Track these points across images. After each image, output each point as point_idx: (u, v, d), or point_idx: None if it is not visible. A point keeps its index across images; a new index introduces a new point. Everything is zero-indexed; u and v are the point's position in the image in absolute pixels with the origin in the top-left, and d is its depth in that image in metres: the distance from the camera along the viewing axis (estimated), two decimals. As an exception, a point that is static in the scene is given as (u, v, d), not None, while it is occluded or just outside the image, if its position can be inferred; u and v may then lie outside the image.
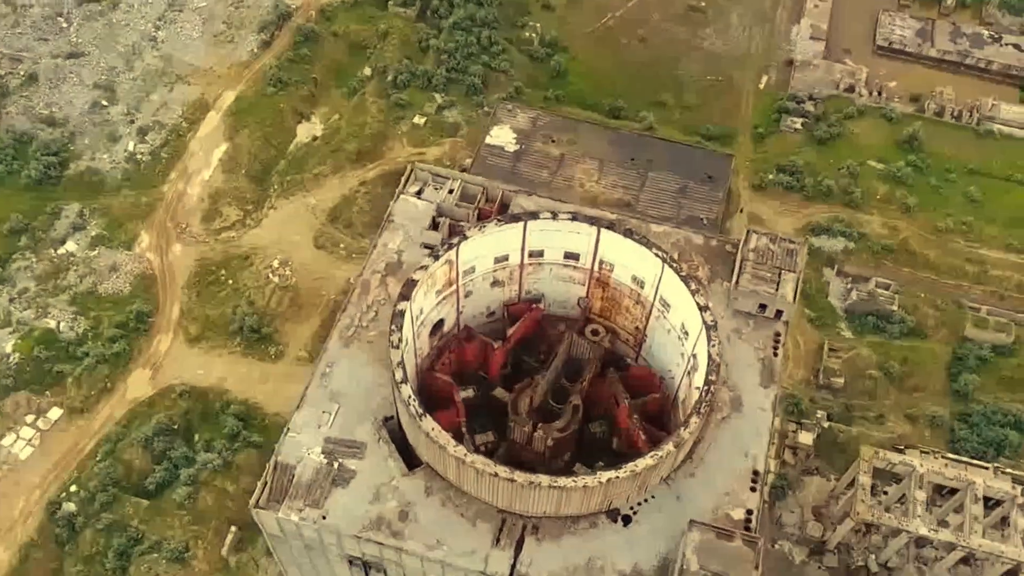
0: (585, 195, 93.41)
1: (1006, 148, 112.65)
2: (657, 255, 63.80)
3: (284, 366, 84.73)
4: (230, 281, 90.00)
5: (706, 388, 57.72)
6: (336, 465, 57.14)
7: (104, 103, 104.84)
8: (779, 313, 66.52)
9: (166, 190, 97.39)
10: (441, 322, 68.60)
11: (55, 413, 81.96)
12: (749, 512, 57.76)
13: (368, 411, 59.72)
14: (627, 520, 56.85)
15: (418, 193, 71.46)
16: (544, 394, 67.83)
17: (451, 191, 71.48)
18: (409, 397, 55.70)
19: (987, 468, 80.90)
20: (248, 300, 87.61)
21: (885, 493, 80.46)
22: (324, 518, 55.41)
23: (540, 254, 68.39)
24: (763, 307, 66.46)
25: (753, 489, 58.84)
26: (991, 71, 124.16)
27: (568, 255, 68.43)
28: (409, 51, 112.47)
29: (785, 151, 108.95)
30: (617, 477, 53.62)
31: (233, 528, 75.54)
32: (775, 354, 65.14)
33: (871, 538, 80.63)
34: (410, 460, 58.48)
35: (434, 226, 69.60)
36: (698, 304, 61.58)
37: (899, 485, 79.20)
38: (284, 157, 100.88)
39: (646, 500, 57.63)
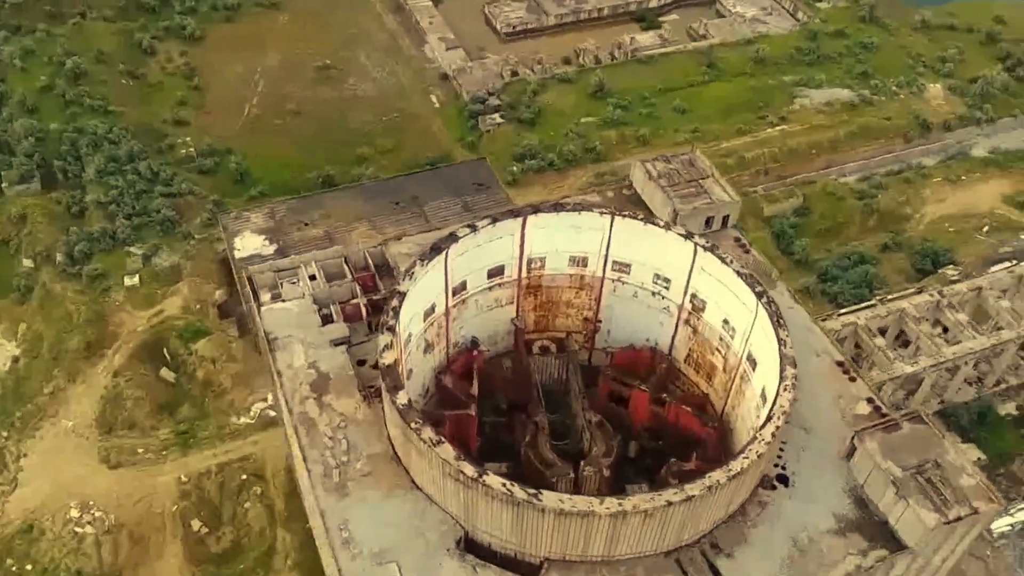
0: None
1: (667, 65, 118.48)
2: (604, 214, 54.50)
3: (173, 618, 61.81)
4: (28, 567, 63.59)
5: (766, 301, 49.41)
6: (456, 629, 40.36)
7: None
8: (726, 219, 60.54)
9: None
10: (402, 419, 53.03)
11: None
12: (870, 400, 50.63)
13: (433, 546, 43.33)
14: (785, 479, 46.76)
15: (276, 298, 55.17)
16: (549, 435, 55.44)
17: (313, 277, 56.24)
18: (504, 484, 40.76)
19: (875, 304, 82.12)
20: (72, 573, 62.71)
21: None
22: None
23: (463, 287, 55.83)
24: (708, 222, 60.03)
25: (852, 379, 51.83)
26: (604, 16, 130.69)
27: (492, 272, 56.64)
28: (64, 222, 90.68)
29: (508, 144, 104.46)
30: (778, 428, 43.49)
31: None
32: (750, 255, 58.94)
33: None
34: (520, 569, 43.37)
35: (327, 319, 53.93)
36: (681, 235, 53.30)
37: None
38: (-11, 398, 75.33)
39: (781, 451, 47.92)
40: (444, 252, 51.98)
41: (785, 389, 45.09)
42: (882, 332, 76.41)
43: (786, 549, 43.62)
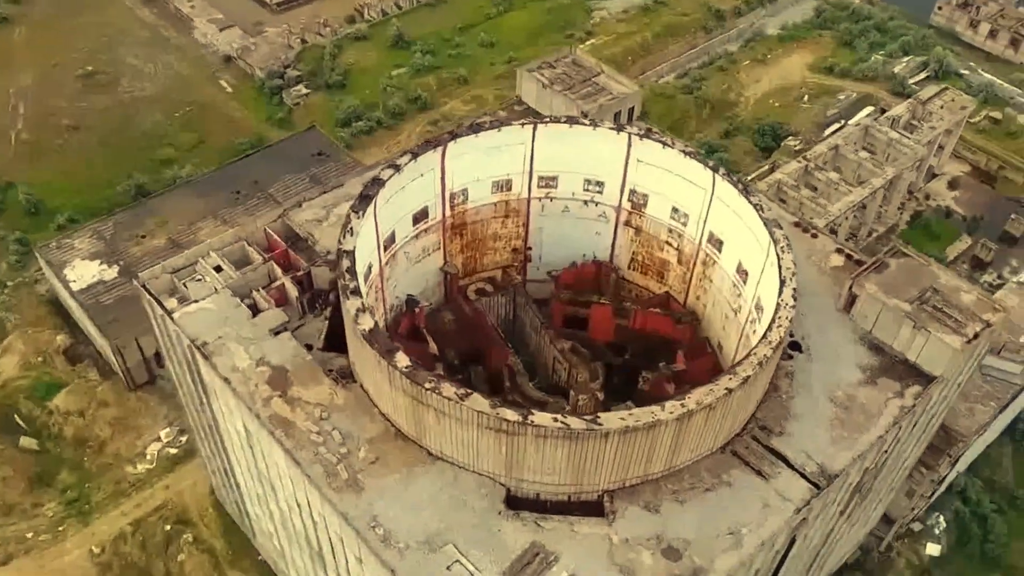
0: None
1: (457, 3, 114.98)
2: (525, 125, 50.25)
3: None
4: None
5: (724, 173, 47.31)
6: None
7: None
8: (631, 112, 57.98)
9: None
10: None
11: None
12: (839, 251, 49.96)
13: (483, 512, 38.24)
14: (797, 346, 45.05)
15: (187, 302, 47.03)
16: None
17: (219, 268, 48.49)
18: (556, 419, 36.29)
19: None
20: None
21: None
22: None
23: (392, 239, 50.14)
24: (616, 118, 57.23)
25: (813, 235, 50.95)
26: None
27: (417, 217, 51.18)
28: None
29: (325, 112, 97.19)
30: (795, 289, 41.49)
31: None
32: (674, 140, 56.67)
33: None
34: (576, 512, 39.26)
35: (254, 309, 46.63)
36: (612, 129, 50.01)
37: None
38: None
39: (780, 319, 46.07)
40: (373, 200, 45.98)
41: (783, 251, 43.15)
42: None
43: (830, 411, 41.98)
